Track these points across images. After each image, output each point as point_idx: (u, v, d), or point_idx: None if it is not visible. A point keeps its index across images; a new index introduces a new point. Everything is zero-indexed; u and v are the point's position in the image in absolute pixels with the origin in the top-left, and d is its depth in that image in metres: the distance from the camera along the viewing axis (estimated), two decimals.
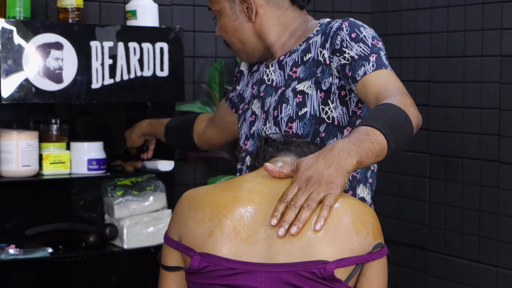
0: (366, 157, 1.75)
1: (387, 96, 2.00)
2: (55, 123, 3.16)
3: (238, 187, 1.74)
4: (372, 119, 1.84)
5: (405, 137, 1.88)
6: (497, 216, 3.51)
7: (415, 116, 1.96)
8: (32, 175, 3.07)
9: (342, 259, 1.62)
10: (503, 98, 3.45)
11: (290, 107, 2.21)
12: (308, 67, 2.22)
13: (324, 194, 1.65)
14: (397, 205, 3.99)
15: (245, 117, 2.39)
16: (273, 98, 2.25)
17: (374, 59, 2.12)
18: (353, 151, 1.73)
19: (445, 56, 3.71)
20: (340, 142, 1.74)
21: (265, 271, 1.62)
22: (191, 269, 1.67)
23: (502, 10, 3.45)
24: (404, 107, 1.93)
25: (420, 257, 3.88)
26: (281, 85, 2.26)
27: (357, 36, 2.16)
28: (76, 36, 3.02)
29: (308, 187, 1.66)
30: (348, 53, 2.14)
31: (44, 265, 3.27)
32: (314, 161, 1.70)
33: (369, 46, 2.15)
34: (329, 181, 1.66)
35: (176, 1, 3.60)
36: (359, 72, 2.11)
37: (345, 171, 1.70)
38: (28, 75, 2.94)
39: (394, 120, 1.85)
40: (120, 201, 3.29)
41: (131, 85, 3.14)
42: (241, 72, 2.54)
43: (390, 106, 1.91)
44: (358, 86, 2.11)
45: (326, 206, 1.64)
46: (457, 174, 3.67)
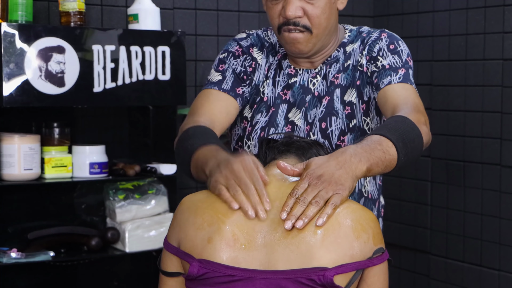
0: (376, 165, 1.76)
1: (403, 108, 2.01)
2: (57, 126, 3.16)
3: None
4: (387, 130, 1.84)
5: (414, 153, 1.90)
6: (499, 220, 3.50)
7: (426, 134, 1.97)
8: (34, 178, 3.07)
9: (342, 265, 1.61)
10: (505, 102, 3.45)
11: (340, 120, 2.17)
12: (349, 74, 2.19)
13: (332, 193, 1.66)
14: (399, 209, 3.99)
15: (271, 122, 2.21)
16: (318, 110, 2.18)
17: (403, 72, 2.13)
18: (364, 158, 1.73)
19: (447, 59, 3.71)
20: (352, 147, 1.74)
21: (264, 278, 1.62)
22: (190, 276, 1.67)
23: (504, 13, 3.45)
24: (418, 124, 1.94)
25: (422, 261, 3.88)
26: (324, 94, 2.20)
27: (395, 48, 2.16)
28: (78, 40, 3.03)
29: (317, 184, 1.66)
30: (381, 61, 2.15)
31: (46, 269, 3.27)
32: (325, 161, 1.70)
33: (402, 60, 2.15)
34: (338, 181, 1.67)
35: (178, 4, 3.60)
36: (384, 81, 2.11)
37: (354, 176, 1.70)
38: (30, 78, 2.94)
39: (407, 134, 1.87)
40: (122, 205, 3.29)
41: (133, 89, 3.14)
42: (255, 60, 2.26)
43: (405, 120, 1.91)
44: (380, 94, 2.11)
45: (331, 204, 1.64)
46: (459, 177, 3.67)
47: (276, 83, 2.22)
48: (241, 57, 2.24)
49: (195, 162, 1.89)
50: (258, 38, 2.27)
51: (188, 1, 3.62)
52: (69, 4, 3.07)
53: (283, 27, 2.11)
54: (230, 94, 2.19)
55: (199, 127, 2.04)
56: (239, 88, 2.21)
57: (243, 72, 2.23)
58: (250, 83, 2.23)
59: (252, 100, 2.24)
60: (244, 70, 2.23)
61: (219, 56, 2.27)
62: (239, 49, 2.25)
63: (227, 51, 2.26)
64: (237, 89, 2.21)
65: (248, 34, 2.29)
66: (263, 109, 2.21)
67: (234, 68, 2.22)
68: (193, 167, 1.91)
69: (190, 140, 1.97)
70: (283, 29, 2.12)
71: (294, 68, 2.22)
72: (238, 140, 2.27)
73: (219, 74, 2.22)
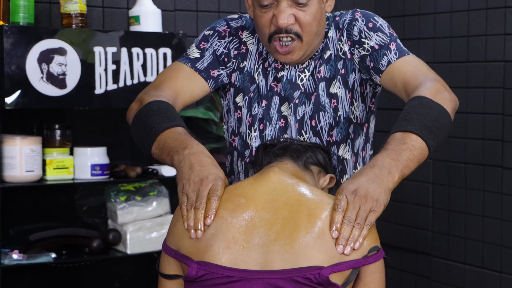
0: (407, 168, 1.75)
1: (416, 84, 1.96)
2: (58, 128, 3.16)
3: (235, 195, 1.75)
4: (406, 122, 1.81)
5: (444, 130, 1.87)
6: (500, 222, 3.50)
7: (450, 101, 1.93)
8: (36, 180, 3.07)
9: (337, 263, 1.63)
10: (507, 103, 3.45)
11: (328, 114, 2.14)
12: (332, 65, 2.14)
13: (369, 211, 1.67)
14: (401, 211, 3.99)
15: (265, 114, 2.16)
16: (308, 107, 2.14)
17: (395, 47, 2.08)
18: (393, 168, 1.72)
19: (448, 61, 3.71)
20: (379, 160, 1.73)
21: (261, 278, 1.64)
22: (188, 277, 1.68)
23: (505, 15, 3.45)
24: (437, 95, 1.90)
25: (424, 263, 3.88)
26: (312, 91, 2.15)
27: (374, 26, 2.11)
28: (80, 42, 3.03)
29: (356, 200, 1.67)
30: (368, 43, 2.10)
31: (48, 270, 3.27)
32: (356, 177, 1.70)
33: (387, 35, 2.10)
34: (374, 196, 1.67)
35: (179, 6, 3.61)
36: (383, 62, 2.06)
37: (388, 189, 1.70)
38: (31, 80, 2.94)
39: (428, 117, 1.83)
40: (124, 206, 3.29)
41: (135, 91, 3.14)
42: (245, 44, 2.19)
43: (422, 100, 1.87)
44: (384, 77, 2.06)
45: (367, 225, 1.66)
46: (461, 179, 3.67)
47: (267, 74, 2.17)
48: (227, 38, 2.18)
49: (162, 144, 1.87)
50: (251, 20, 2.20)
51: (189, 3, 3.62)
52: (70, 6, 3.08)
53: (274, 35, 2.05)
54: (202, 75, 2.14)
55: (163, 103, 1.99)
56: (214, 71, 2.16)
57: (225, 54, 2.18)
58: (233, 66, 2.18)
59: (245, 87, 2.18)
60: (227, 52, 2.18)
61: (204, 32, 2.20)
62: (226, 29, 2.19)
63: (214, 29, 2.19)
64: (211, 71, 2.16)
65: (241, 15, 2.24)
66: (259, 99, 2.17)
67: (216, 49, 2.17)
68: (156, 148, 1.88)
69: (154, 117, 1.93)
70: (273, 38, 2.06)
71: (280, 63, 2.16)
72: (232, 133, 2.22)
73: (198, 52, 2.16)
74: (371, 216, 1.67)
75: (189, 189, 1.74)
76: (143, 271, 3.43)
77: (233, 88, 2.19)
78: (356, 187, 1.67)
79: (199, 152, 1.79)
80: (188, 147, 1.81)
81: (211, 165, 1.77)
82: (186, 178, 1.75)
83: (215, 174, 1.74)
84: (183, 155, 1.79)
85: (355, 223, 1.65)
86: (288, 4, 2.03)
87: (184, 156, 1.79)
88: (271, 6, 2.04)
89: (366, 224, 1.66)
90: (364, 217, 1.66)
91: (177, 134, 1.87)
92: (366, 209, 1.66)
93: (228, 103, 2.22)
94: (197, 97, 2.16)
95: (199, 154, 1.79)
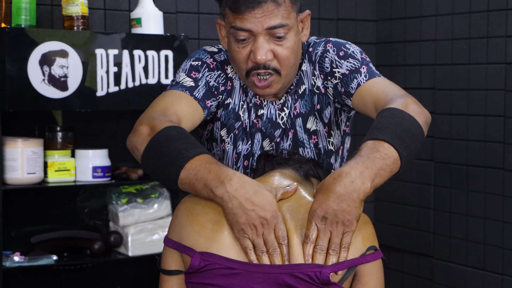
0: (380, 177, 1.73)
1: (386, 101, 1.93)
2: (60, 130, 3.17)
3: None
4: (378, 131, 1.78)
5: (416, 141, 1.83)
6: (502, 224, 3.50)
7: (420, 113, 1.88)
8: (37, 182, 3.07)
9: (337, 263, 1.67)
10: (508, 106, 3.45)
11: (308, 149, 2.13)
12: (307, 100, 2.13)
13: (342, 234, 1.68)
14: (402, 213, 3.99)
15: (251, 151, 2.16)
16: (286, 143, 2.14)
17: (365, 70, 2.06)
18: (366, 177, 1.69)
19: (450, 63, 3.71)
20: (353, 168, 1.70)
21: (262, 272, 1.66)
22: (191, 268, 1.70)
23: (507, 17, 3.45)
24: (407, 107, 1.86)
25: (425, 265, 3.88)
26: (289, 127, 2.14)
27: (345, 54, 2.09)
28: (81, 44, 3.03)
29: (326, 227, 1.67)
30: (339, 71, 2.08)
31: (49, 273, 3.27)
32: (324, 198, 1.69)
33: (358, 60, 2.08)
34: (344, 218, 1.67)
35: (181, 8, 3.61)
36: (353, 85, 2.04)
37: (359, 200, 1.69)
38: (33, 82, 2.94)
39: (400, 126, 1.80)
40: (125, 209, 3.29)
41: (136, 93, 3.14)
42: (231, 80, 2.17)
43: (393, 111, 1.84)
44: (354, 99, 2.04)
45: (344, 248, 1.68)
46: (462, 181, 3.67)
47: (249, 109, 2.15)
48: (216, 72, 2.14)
49: (192, 173, 1.76)
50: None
51: (191, 5, 3.63)
52: (72, 8, 3.08)
53: (252, 71, 2.02)
54: (200, 104, 2.08)
55: (181, 128, 1.89)
56: (208, 101, 2.11)
57: (215, 87, 2.13)
58: (218, 100, 2.14)
59: (230, 125, 2.15)
60: (217, 86, 2.13)
61: (190, 63, 2.14)
62: (213, 62, 2.15)
63: (201, 60, 2.14)
64: (206, 101, 2.10)
65: (220, 49, 2.19)
66: (244, 136, 2.15)
67: (208, 80, 2.12)
68: (186, 177, 1.77)
69: (178, 142, 1.81)
70: (251, 74, 2.02)
71: (259, 98, 2.14)
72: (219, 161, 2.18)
73: (192, 80, 2.10)
74: (346, 238, 1.68)
75: (253, 235, 1.70)
76: (144, 273, 3.43)
77: (219, 122, 2.17)
78: (324, 212, 1.67)
79: (240, 186, 1.71)
80: (226, 181, 1.72)
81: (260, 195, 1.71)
82: (243, 222, 1.69)
83: (271, 211, 1.69)
84: (227, 193, 1.71)
85: (330, 250, 1.68)
86: (266, 39, 1.99)
87: (229, 194, 1.71)
88: (248, 41, 2.01)
89: (343, 247, 1.68)
90: (338, 242, 1.68)
91: (209, 164, 1.76)
92: (339, 234, 1.68)
93: (212, 132, 2.19)
94: (196, 125, 2.09)
95: (242, 189, 1.71)
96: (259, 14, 1.96)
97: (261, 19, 1.97)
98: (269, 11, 1.96)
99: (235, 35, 2.01)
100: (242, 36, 2.00)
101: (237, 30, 2.00)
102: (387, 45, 4.04)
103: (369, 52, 4.07)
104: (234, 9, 1.98)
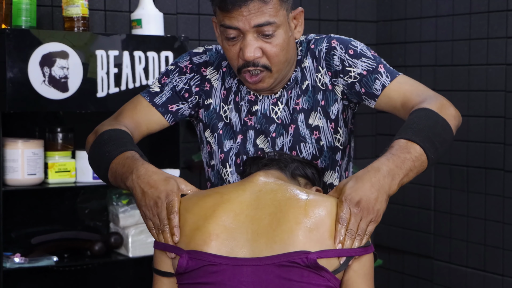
0: (407, 177, 1.80)
1: (419, 101, 1.99)
2: (60, 131, 3.16)
3: (222, 192, 1.81)
4: (412, 132, 1.84)
5: (444, 146, 1.90)
6: (502, 225, 3.50)
7: (454, 117, 1.96)
8: (38, 183, 3.07)
9: (324, 250, 1.68)
10: (508, 107, 3.45)
11: (310, 145, 2.13)
12: (310, 96, 2.13)
13: (370, 222, 1.73)
14: (402, 214, 3.99)
15: (242, 149, 2.16)
16: (286, 138, 2.14)
17: (383, 69, 2.08)
18: (397, 175, 1.77)
19: (450, 64, 3.72)
20: (385, 164, 1.77)
21: (250, 265, 1.69)
22: (180, 268, 1.72)
23: (507, 18, 3.45)
24: (442, 109, 1.94)
25: (425, 266, 3.88)
26: (289, 122, 2.14)
27: (355, 52, 2.11)
28: (82, 45, 3.04)
29: (358, 212, 1.72)
30: (354, 70, 2.09)
31: (50, 274, 3.27)
32: (360, 183, 1.74)
33: (372, 59, 2.10)
34: (375, 208, 1.73)
35: (181, 10, 3.61)
36: (376, 87, 2.06)
37: (388, 196, 1.75)
38: (33, 83, 2.95)
39: (433, 130, 1.87)
40: (125, 210, 3.29)
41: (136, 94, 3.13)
42: (209, 82, 2.20)
43: (428, 113, 1.91)
44: (381, 100, 2.07)
45: (367, 235, 1.73)
46: (463, 182, 3.67)
47: (239, 109, 2.16)
48: (188, 75, 2.18)
49: (113, 171, 1.93)
50: (217, 55, 2.20)
51: (191, 6, 3.63)
52: (72, 9, 3.08)
53: (243, 69, 2.04)
54: (159, 110, 2.17)
55: (114, 131, 2.04)
56: (173, 105, 2.17)
57: (185, 90, 2.18)
58: (195, 101, 2.19)
59: (213, 124, 2.18)
60: (187, 88, 2.18)
61: (167, 67, 2.23)
62: (188, 65, 2.19)
63: (176, 64, 2.21)
64: (169, 106, 2.17)
65: (206, 49, 2.21)
66: (232, 135, 2.17)
67: (176, 84, 2.18)
68: (111, 176, 1.94)
69: (106, 146, 1.98)
70: (243, 71, 2.04)
71: (253, 94, 2.15)
72: (206, 164, 2.25)
73: (159, 86, 2.20)
74: (371, 226, 1.74)
75: (150, 215, 1.80)
76: (144, 274, 3.43)
77: (202, 124, 2.21)
78: (360, 197, 1.72)
79: (144, 173, 1.83)
80: (133, 172, 1.85)
81: (160, 181, 1.81)
82: (143, 205, 1.81)
83: (165, 190, 1.79)
84: (132, 182, 1.84)
85: (356, 234, 1.72)
86: (254, 36, 2.00)
87: (133, 182, 1.84)
88: (238, 39, 2.02)
89: (366, 234, 1.73)
90: (364, 229, 1.73)
91: (125, 159, 1.91)
92: (367, 221, 1.73)
93: (200, 134, 2.25)
94: (153, 130, 2.20)
95: (145, 176, 1.83)
96: (246, 12, 1.98)
97: (248, 17, 1.98)
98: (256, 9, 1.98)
99: (225, 33, 2.03)
100: (231, 34, 2.02)
101: (226, 28, 2.02)
102: (387, 46, 4.05)
103: None
104: (222, 8, 2.00)
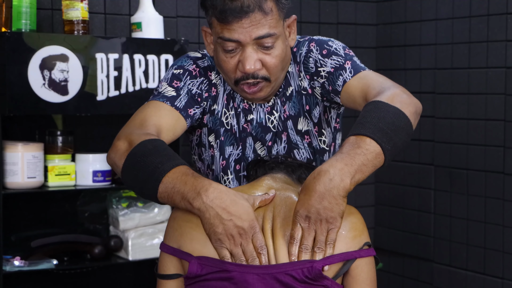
0: (361, 172, 1.73)
1: (374, 94, 1.91)
2: (60, 134, 3.17)
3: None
4: (361, 126, 1.78)
5: (401, 133, 1.82)
6: (502, 228, 3.50)
7: (408, 104, 1.87)
8: (37, 186, 3.07)
9: (329, 256, 1.70)
10: (508, 110, 3.45)
11: (303, 150, 2.13)
12: (295, 102, 2.12)
13: (326, 232, 1.71)
14: (402, 217, 3.99)
15: (243, 155, 2.15)
16: (280, 146, 2.13)
17: (350, 65, 2.05)
18: (345, 174, 1.70)
19: (450, 67, 3.72)
20: (332, 166, 1.70)
21: (257, 272, 1.69)
22: (190, 274, 1.72)
23: (507, 21, 3.46)
24: (394, 99, 1.85)
25: (425, 269, 3.88)
26: (281, 130, 2.12)
27: (328, 51, 2.08)
28: (82, 48, 3.04)
29: (310, 226, 1.70)
30: (324, 70, 2.07)
31: (49, 277, 3.27)
32: (307, 195, 1.71)
33: (342, 56, 2.07)
34: (327, 216, 1.69)
35: (181, 13, 3.61)
36: (339, 83, 2.04)
37: (340, 197, 1.70)
38: (33, 87, 2.95)
39: (383, 120, 1.79)
40: (125, 213, 3.29)
41: (137, 97, 3.14)
42: (215, 86, 2.15)
43: (377, 104, 1.83)
44: (342, 96, 2.04)
45: (329, 244, 1.71)
46: (463, 185, 3.67)
47: (238, 115, 2.14)
48: (198, 79, 2.11)
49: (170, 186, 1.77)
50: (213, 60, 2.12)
51: (191, 9, 3.63)
52: (72, 12, 3.08)
53: (242, 81, 2.01)
54: (182, 114, 2.05)
55: (157, 141, 1.87)
56: (191, 109, 2.08)
57: (198, 94, 2.10)
58: (204, 106, 2.12)
59: (217, 130, 2.14)
60: (200, 93, 2.11)
61: (172, 71, 2.12)
62: (196, 68, 2.12)
63: (183, 67, 2.12)
64: (189, 110, 2.08)
65: (203, 54, 2.16)
66: (233, 141, 2.14)
67: (190, 88, 2.09)
68: (164, 190, 1.78)
69: (153, 157, 1.81)
70: (241, 83, 2.01)
71: (247, 103, 2.13)
72: (208, 167, 2.19)
73: (173, 90, 2.07)
74: (331, 235, 1.71)
75: (231, 245, 1.71)
76: (144, 278, 3.43)
77: (206, 128, 2.16)
78: (307, 211, 1.70)
79: (217, 196, 1.72)
80: (202, 193, 1.72)
81: (237, 204, 1.72)
82: (220, 232, 1.71)
83: (247, 219, 1.71)
84: (204, 204, 1.71)
85: (315, 248, 1.70)
86: (254, 48, 1.97)
87: (205, 205, 1.71)
88: (236, 51, 1.99)
89: (328, 244, 1.71)
90: (323, 240, 1.71)
91: (185, 176, 1.76)
92: (323, 232, 1.70)
93: (200, 138, 2.18)
94: (177, 135, 2.07)
95: (219, 199, 1.72)
96: (246, 24, 1.94)
97: (249, 29, 1.95)
98: (257, 21, 1.95)
99: (223, 46, 1.99)
100: (230, 46, 1.98)
101: (225, 41, 1.98)
102: (387, 49, 4.05)
103: (369, 56, 4.07)
104: (221, 19, 1.96)
